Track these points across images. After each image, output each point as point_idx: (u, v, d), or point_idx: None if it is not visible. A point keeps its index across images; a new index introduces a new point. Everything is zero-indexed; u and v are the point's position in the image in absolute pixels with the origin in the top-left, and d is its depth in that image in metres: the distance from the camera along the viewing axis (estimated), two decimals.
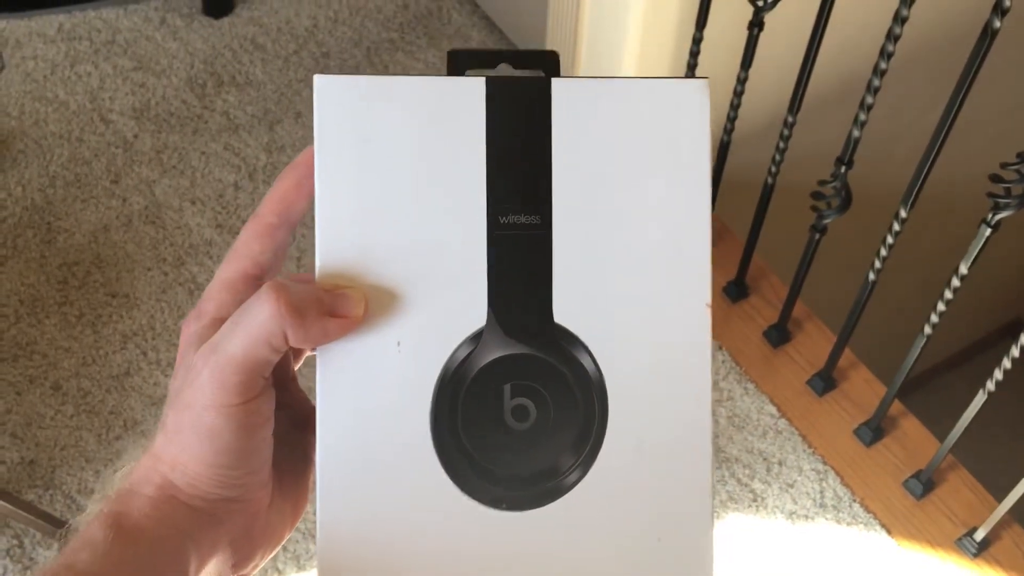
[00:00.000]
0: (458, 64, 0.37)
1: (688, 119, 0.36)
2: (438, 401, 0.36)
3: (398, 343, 0.36)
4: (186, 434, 0.35)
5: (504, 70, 0.37)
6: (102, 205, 1.55)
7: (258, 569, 0.39)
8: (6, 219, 1.53)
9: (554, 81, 0.36)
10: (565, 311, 0.36)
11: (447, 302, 0.36)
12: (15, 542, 1.25)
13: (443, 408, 0.36)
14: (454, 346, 0.36)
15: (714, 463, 0.37)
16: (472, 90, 0.36)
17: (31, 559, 1.24)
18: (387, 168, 0.36)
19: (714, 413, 0.38)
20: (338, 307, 0.35)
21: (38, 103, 1.66)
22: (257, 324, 0.33)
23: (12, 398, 1.37)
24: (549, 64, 0.37)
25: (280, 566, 1.23)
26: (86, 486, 1.30)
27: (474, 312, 0.36)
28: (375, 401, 0.36)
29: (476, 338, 0.36)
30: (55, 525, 1.21)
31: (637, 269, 0.36)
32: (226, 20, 1.79)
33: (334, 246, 0.36)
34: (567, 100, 0.36)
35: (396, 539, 0.36)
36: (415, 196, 0.36)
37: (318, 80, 0.36)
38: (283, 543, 0.40)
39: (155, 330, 1.43)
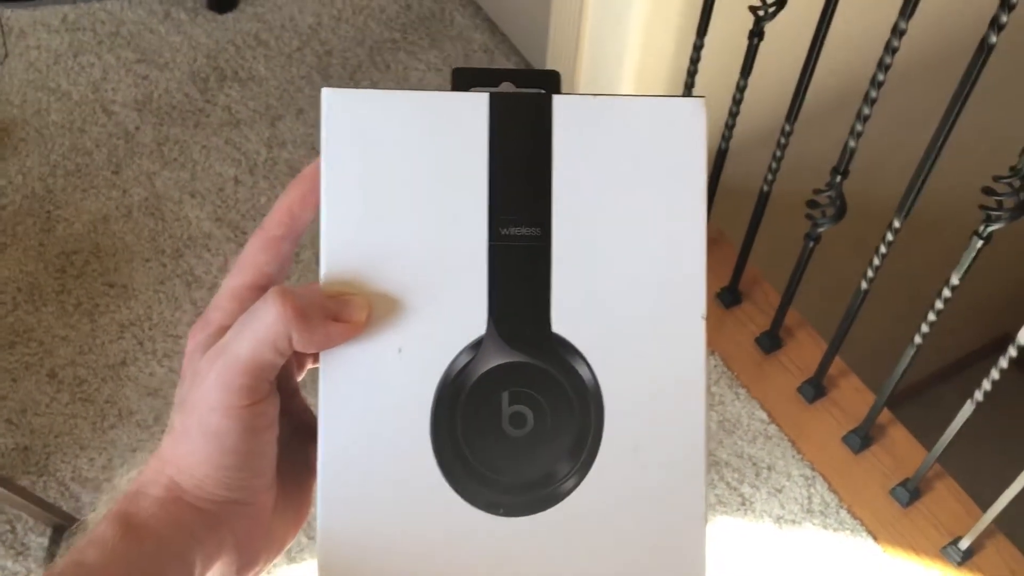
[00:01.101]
0: (462, 82, 0.38)
1: (685, 136, 0.37)
2: (438, 407, 0.36)
3: (399, 349, 0.36)
4: (193, 436, 0.35)
5: (507, 88, 0.38)
6: (102, 195, 1.56)
7: (262, 573, 0.39)
8: (6, 207, 1.54)
9: (555, 97, 0.37)
10: (563, 321, 0.37)
11: (448, 310, 0.36)
12: (7, 527, 1.25)
13: (442, 414, 0.36)
14: (454, 353, 0.36)
15: (708, 473, 0.38)
16: (476, 105, 0.37)
17: (23, 544, 1.24)
18: (392, 179, 0.36)
19: (708, 423, 0.38)
20: (342, 312, 0.35)
21: (40, 92, 1.67)
22: (263, 327, 0.34)
23: (8, 385, 1.37)
24: (551, 83, 0.38)
25: None
26: (80, 474, 1.31)
27: (474, 320, 0.37)
28: (376, 406, 0.36)
29: (476, 346, 0.37)
30: (48, 511, 1.22)
31: (634, 282, 0.37)
32: (230, 15, 1.80)
33: (339, 254, 0.36)
34: (568, 116, 0.37)
35: (395, 543, 0.36)
36: (419, 206, 0.37)
37: (327, 93, 0.37)
38: (286, 548, 0.40)
39: (152, 321, 1.44)
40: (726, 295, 1.45)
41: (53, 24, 1.76)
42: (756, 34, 1.20)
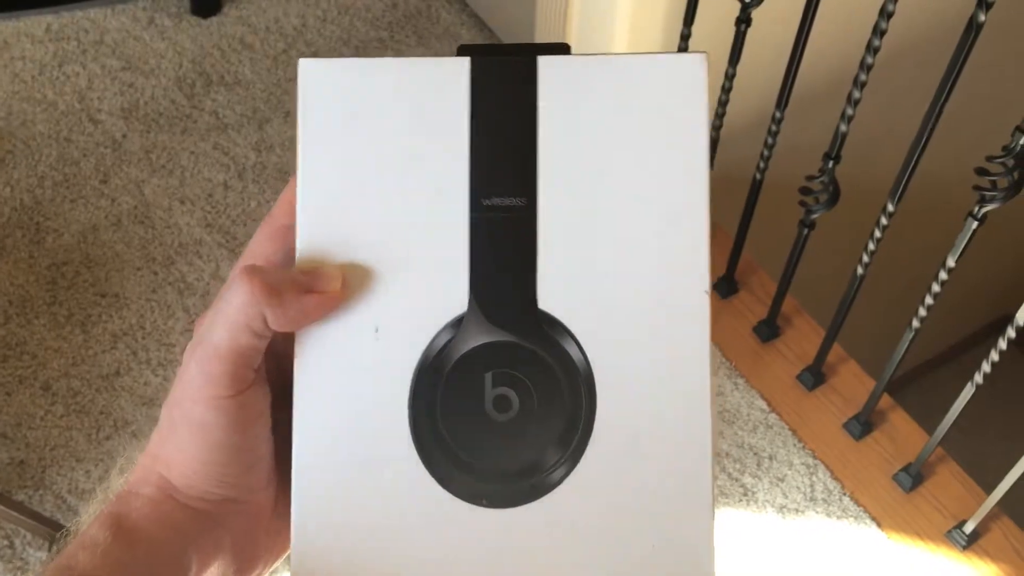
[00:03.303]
0: None
1: (685, 95, 0.35)
2: (416, 390, 0.34)
3: (376, 329, 0.34)
4: (179, 431, 0.34)
5: None
6: (91, 205, 1.55)
7: None
8: None
9: (540, 59, 0.35)
10: (550, 297, 0.34)
11: (427, 287, 0.34)
12: (5, 543, 1.24)
13: (421, 397, 0.34)
14: (434, 332, 0.34)
15: (715, 461, 0.35)
16: (456, 70, 0.35)
17: (22, 559, 1.23)
18: (369, 150, 0.35)
19: (714, 407, 0.36)
20: (315, 284, 0.34)
21: (26, 104, 1.66)
22: (234, 310, 0.33)
23: (2, 399, 1.36)
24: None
25: None
26: (76, 486, 1.30)
27: (455, 297, 0.34)
28: (352, 389, 0.34)
29: (456, 324, 0.34)
30: (46, 525, 1.21)
31: (629, 254, 0.34)
32: (214, 19, 1.78)
33: (314, 229, 0.35)
34: (554, 77, 0.35)
35: (372, 534, 0.35)
36: (397, 178, 0.35)
37: (303, 64, 0.35)
38: (289, 550, 0.38)
39: (145, 330, 1.43)
40: (722, 285, 1.44)
41: (37, 34, 1.74)
42: (743, 20, 1.19)
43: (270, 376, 0.36)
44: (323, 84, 0.35)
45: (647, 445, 0.34)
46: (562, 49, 0.36)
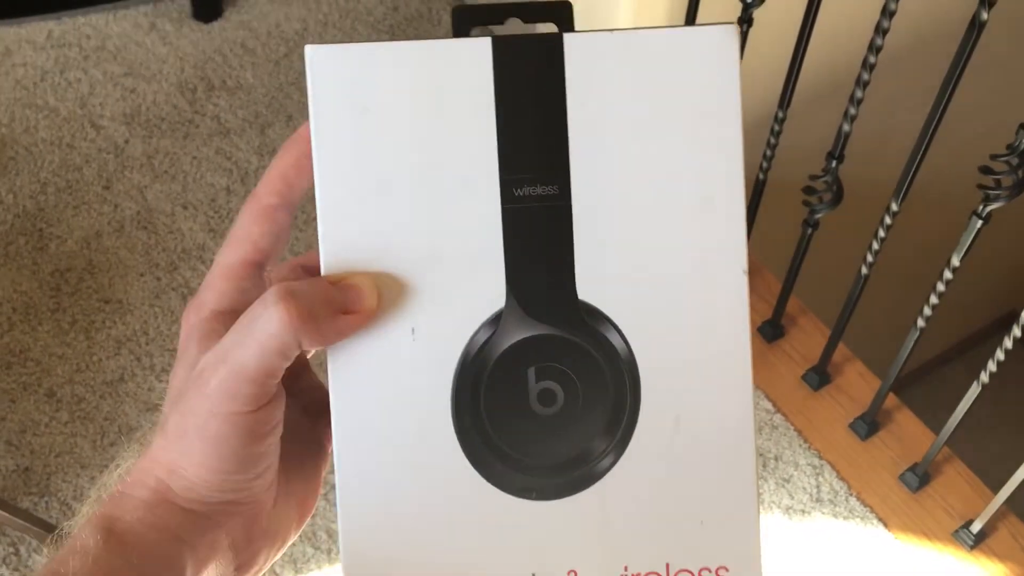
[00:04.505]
0: (463, 22, 0.34)
1: (716, 69, 0.34)
2: (459, 389, 0.34)
3: (412, 330, 0.33)
4: (189, 439, 0.33)
5: (513, 25, 0.34)
6: (94, 211, 1.55)
7: (264, 571, 0.37)
8: None
9: (566, 37, 0.33)
10: (590, 287, 0.34)
11: (462, 284, 0.33)
12: (11, 550, 1.24)
13: (464, 396, 0.34)
14: (472, 330, 0.34)
15: (757, 440, 0.35)
16: (477, 52, 0.33)
17: (27, 567, 1.23)
18: (390, 142, 0.33)
19: (754, 387, 0.36)
20: (351, 303, 0.33)
21: (28, 110, 1.66)
22: (268, 335, 0.31)
23: (6, 405, 1.36)
24: (562, 16, 0.34)
25: (278, 570, 1.23)
26: (82, 493, 1.30)
27: (492, 293, 0.33)
28: (392, 392, 0.34)
29: (495, 320, 0.34)
30: (51, 532, 1.21)
31: (666, 238, 0.34)
32: (215, 24, 1.79)
33: (338, 231, 0.33)
34: (582, 57, 0.33)
35: (422, 532, 0.34)
36: (422, 171, 0.33)
37: (309, 51, 0.33)
38: (290, 543, 0.38)
39: (148, 335, 1.43)
40: None
41: (39, 41, 1.75)
42: (744, 21, 1.18)
43: None
44: (333, 73, 0.33)
45: (692, 427, 0.34)
46: (565, 8, 0.34)
